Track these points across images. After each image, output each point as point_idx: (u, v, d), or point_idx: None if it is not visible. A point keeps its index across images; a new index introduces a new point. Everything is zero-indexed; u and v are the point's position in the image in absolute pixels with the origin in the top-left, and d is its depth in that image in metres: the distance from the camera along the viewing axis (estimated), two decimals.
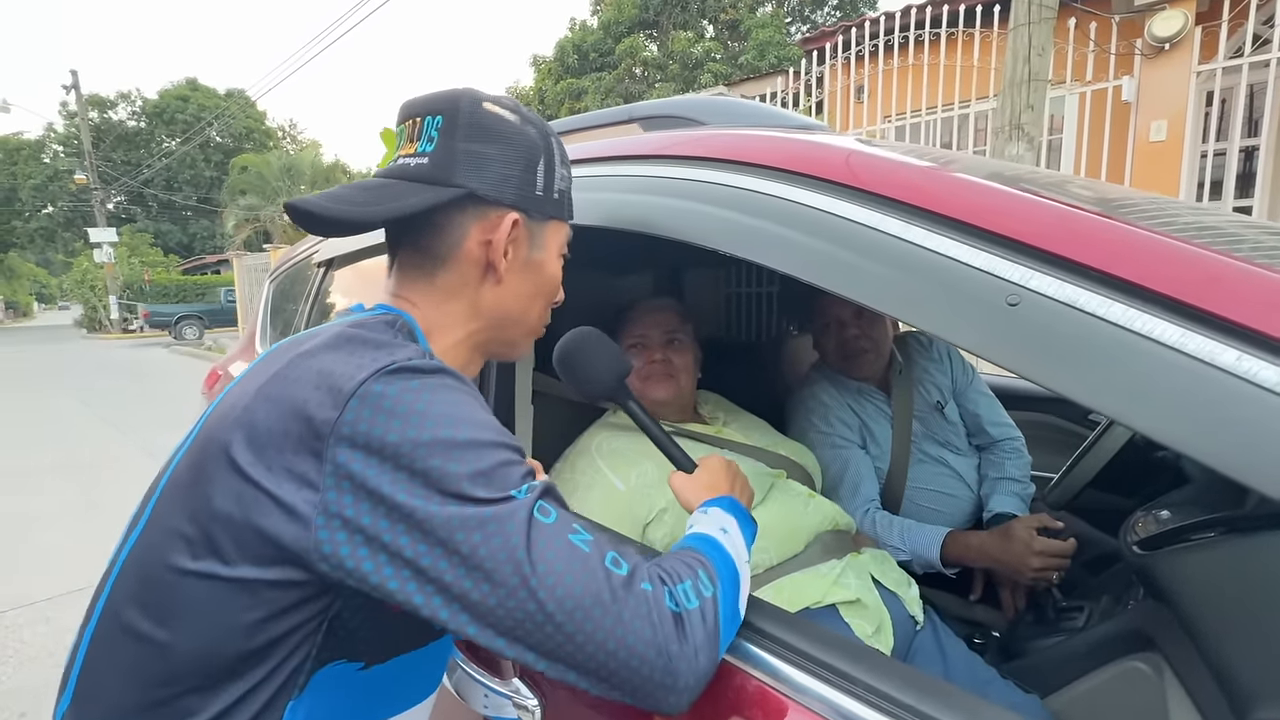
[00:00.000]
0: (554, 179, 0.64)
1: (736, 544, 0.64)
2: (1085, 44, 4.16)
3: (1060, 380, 0.40)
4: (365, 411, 0.47)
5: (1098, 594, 1.16)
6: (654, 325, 1.18)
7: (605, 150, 0.83)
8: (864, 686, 0.51)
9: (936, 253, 0.47)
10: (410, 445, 0.47)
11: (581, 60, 16.25)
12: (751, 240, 0.58)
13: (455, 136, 0.58)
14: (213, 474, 0.49)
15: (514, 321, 0.67)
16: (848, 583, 0.93)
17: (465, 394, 0.53)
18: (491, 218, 0.60)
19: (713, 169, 0.66)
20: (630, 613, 0.47)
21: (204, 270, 25.48)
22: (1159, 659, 0.85)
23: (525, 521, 0.47)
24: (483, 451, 0.49)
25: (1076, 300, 0.40)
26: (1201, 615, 0.75)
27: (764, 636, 0.60)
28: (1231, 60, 3.74)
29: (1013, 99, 3.22)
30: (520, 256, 0.63)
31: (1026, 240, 0.44)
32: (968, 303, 0.44)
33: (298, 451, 0.47)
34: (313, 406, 0.48)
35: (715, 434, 1.14)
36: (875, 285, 0.49)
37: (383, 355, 0.51)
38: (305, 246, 1.96)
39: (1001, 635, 1.21)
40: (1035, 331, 0.41)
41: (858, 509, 1.28)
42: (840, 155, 0.59)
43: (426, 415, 0.48)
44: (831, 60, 5.27)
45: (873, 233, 0.51)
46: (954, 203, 0.49)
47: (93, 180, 21.33)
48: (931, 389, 1.49)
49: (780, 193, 0.58)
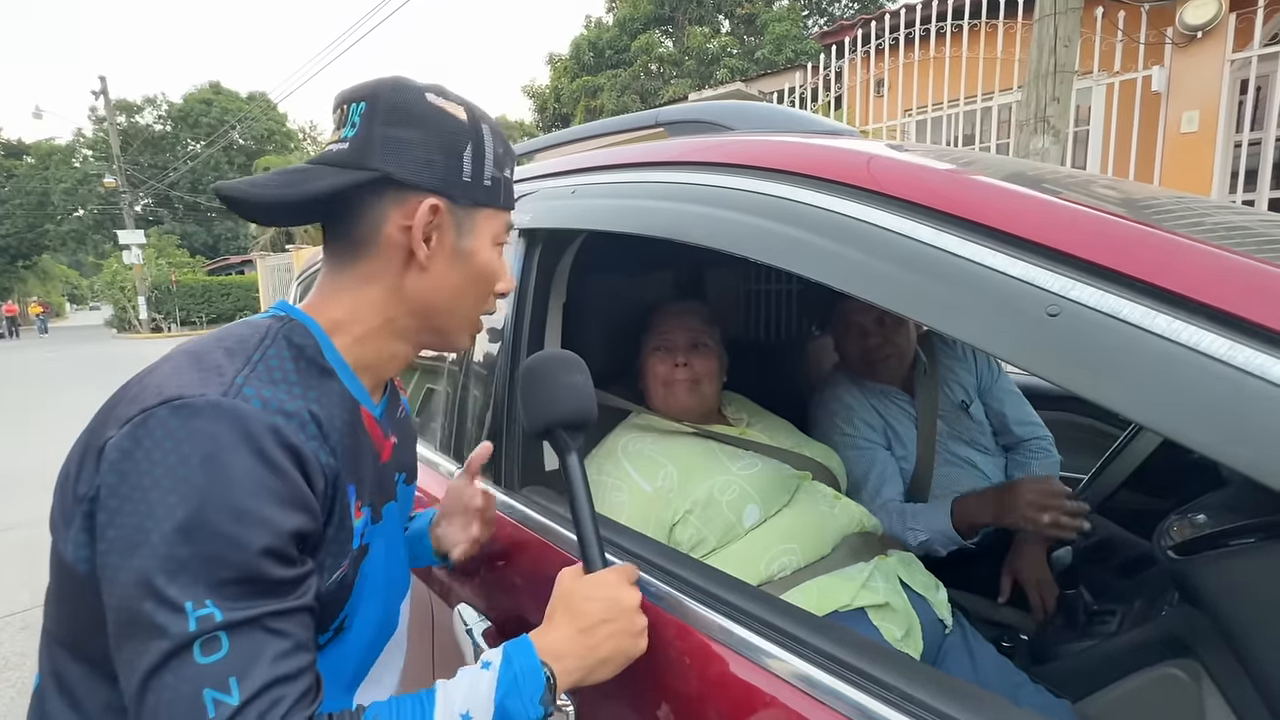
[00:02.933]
0: (483, 165, 0.62)
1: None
2: (1113, 33, 4.07)
3: (1103, 392, 0.40)
4: (126, 443, 0.47)
5: (1130, 598, 1.14)
6: (678, 329, 1.18)
7: (633, 156, 0.83)
8: (899, 693, 0.52)
9: (973, 261, 0.47)
10: (135, 500, 0.46)
11: (597, 57, 16.25)
12: (785, 249, 0.58)
13: (375, 121, 0.58)
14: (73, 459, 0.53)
15: (443, 311, 0.65)
16: (876, 586, 0.93)
17: (246, 456, 0.48)
18: (411, 202, 0.59)
19: (744, 176, 0.66)
20: None
21: (229, 271, 25.98)
22: (1196, 666, 0.84)
23: (164, 652, 0.44)
24: (200, 539, 0.45)
25: (1119, 311, 0.40)
26: (1242, 623, 0.74)
27: (793, 640, 0.60)
28: (1267, 47, 3.63)
29: (1038, 92, 3.16)
30: (446, 244, 0.62)
31: (1066, 249, 0.44)
32: (1006, 313, 0.44)
33: (93, 458, 0.49)
34: (114, 415, 0.50)
35: (739, 435, 1.14)
36: (911, 295, 0.49)
37: (198, 379, 0.50)
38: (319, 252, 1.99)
39: (1030, 638, 1.20)
40: (1076, 342, 0.41)
41: (879, 509, 1.27)
42: (874, 162, 0.59)
43: (170, 473, 0.46)
44: (850, 54, 5.21)
45: (908, 241, 0.50)
46: (990, 211, 0.49)
47: (121, 183, 21.85)
48: (956, 388, 1.47)
49: (813, 200, 0.58)
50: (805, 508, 1.03)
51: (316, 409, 0.54)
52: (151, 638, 0.44)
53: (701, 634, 0.64)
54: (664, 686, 0.66)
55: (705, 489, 0.98)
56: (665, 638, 0.66)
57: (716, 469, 1.02)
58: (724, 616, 0.64)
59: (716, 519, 0.97)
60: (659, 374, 1.16)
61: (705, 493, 0.98)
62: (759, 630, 0.62)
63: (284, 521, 0.49)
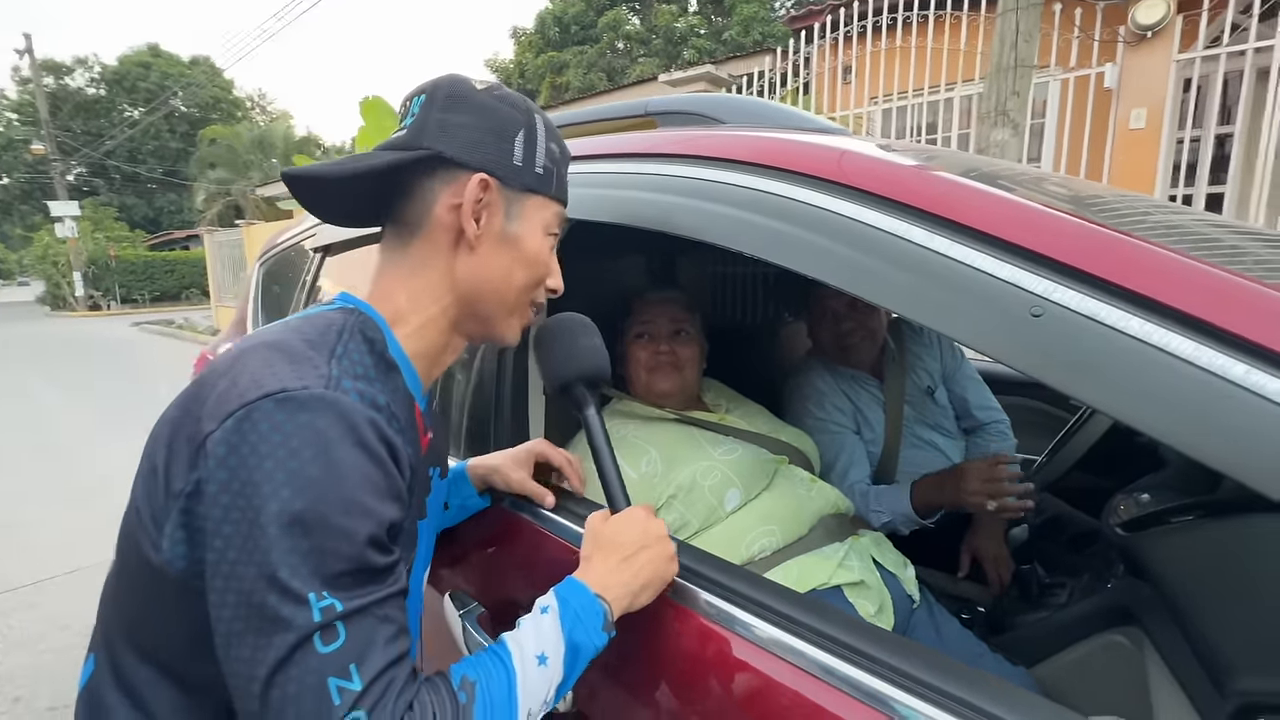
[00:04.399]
0: (535, 152, 0.64)
1: (542, 681, 0.55)
2: (1070, 29, 4.20)
3: (1082, 389, 0.43)
4: (232, 439, 0.47)
5: (1079, 572, 1.22)
6: (660, 316, 1.20)
7: (624, 146, 0.84)
8: (884, 665, 0.55)
9: (962, 263, 0.49)
10: (248, 496, 0.46)
11: (563, 33, 15.91)
12: (776, 244, 0.60)
13: (432, 109, 0.61)
14: (147, 459, 0.53)
15: (491, 295, 0.65)
16: (851, 565, 0.98)
17: (351, 447, 0.49)
18: (461, 180, 0.60)
19: (737, 171, 0.68)
20: None
21: (172, 246, 24.72)
22: (1139, 633, 0.91)
23: (290, 644, 0.45)
24: (316, 533, 0.46)
25: (1097, 314, 0.43)
26: (1182, 593, 0.81)
27: (780, 616, 0.63)
28: (1209, 49, 3.81)
29: (999, 84, 3.25)
30: (495, 226, 0.63)
31: (1049, 254, 0.47)
32: (992, 313, 0.47)
33: (189, 455, 0.49)
34: (207, 411, 0.49)
35: (719, 421, 1.17)
36: (900, 293, 0.52)
37: (291, 371, 0.50)
38: (295, 230, 1.93)
39: (988, 610, 1.27)
40: (1057, 342, 0.44)
41: (847, 491, 1.32)
42: (867, 163, 0.61)
43: (280, 467, 0.46)
44: (820, 40, 5.24)
45: (899, 241, 0.53)
46: (977, 213, 0.52)
47: (51, 150, 20.45)
48: (923, 374, 1.54)
49: (807, 198, 0.60)
50: (783, 491, 1.07)
51: (391, 403, 0.55)
52: (276, 631, 0.45)
53: (694, 612, 0.67)
54: (660, 665, 0.68)
55: (688, 474, 1.01)
56: (660, 619, 0.68)
57: (699, 454, 1.05)
58: (715, 595, 0.67)
59: (699, 503, 1.00)
60: (641, 360, 1.18)
61: (688, 478, 1.00)
62: (747, 607, 0.65)
63: (385, 511, 0.50)
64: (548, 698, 0.55)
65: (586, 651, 0.58)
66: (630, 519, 0.67)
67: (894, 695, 0.54)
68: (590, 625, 0.58)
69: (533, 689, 0.53)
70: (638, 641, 0.68)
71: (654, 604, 0.68)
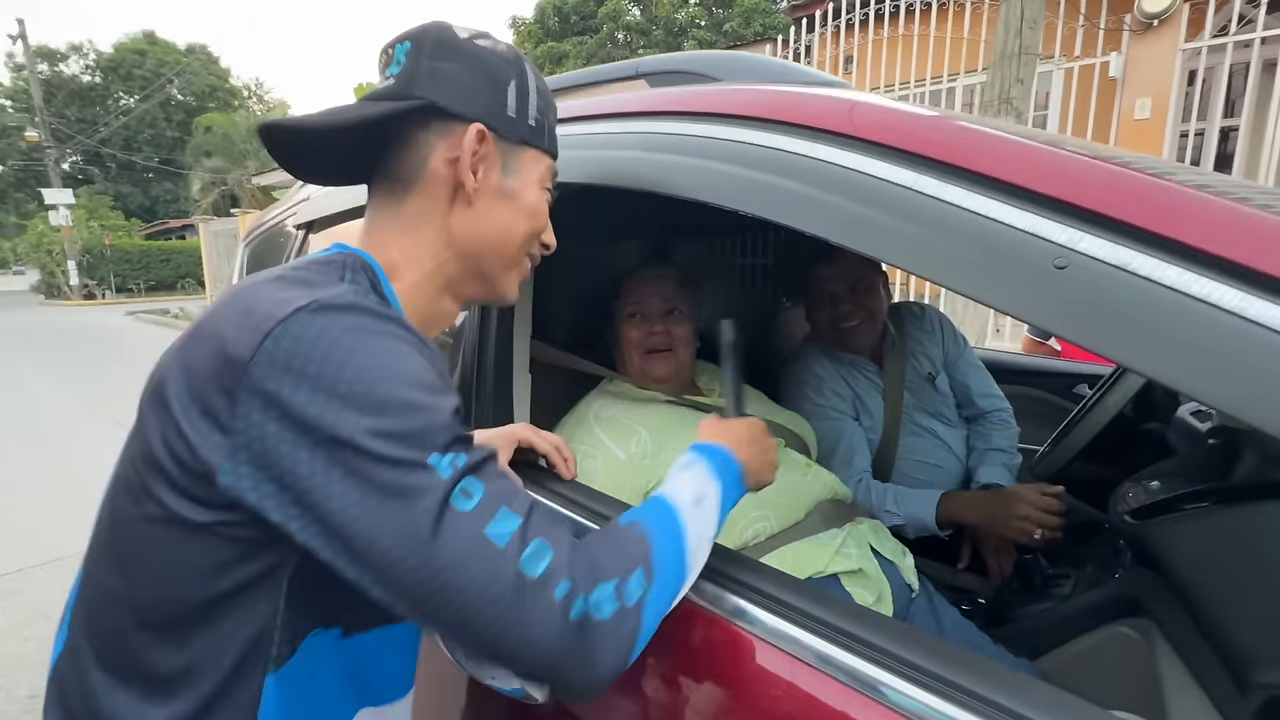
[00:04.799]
0: (528, 103, 0.61)
1: (704, 521, 0.58)
2: (1075, 18, 4.15)
3: (1111, 345, 0.39)
4: (279, 354, 0.44)
5: (1083, 562, 1.18)
6: (653, 295, 1.15)
7: (612, 106, 0.79)
8: (888, 654, 0.51)
9: (978, 214, 0.45)
10: (322, 396, 0.44)
11: (562, 23, 15.78)
12: (778, 201, 0.56)
13: (421, 56, 0.57)
14: (148, 414, 0.48)
15: (489, 251, 0.62)
16: (849, 552, 0.94)
17: (398, 339, 0.48)
18: (457, 132, 0.58)
19: (733, 126, 0.63)
20: (530, 617, 0.45)
21: (168, 235, 24.56)
22: (1149, 624, 0.88)
23: (437, 504, 0.44)
24: (404, 410, 0.45)
25: (1129, 263, 0.39)
26: (1197, 582, 0.77)
27: (778, 603, 0.59)
28: (1216, 39, 3.76)
29: (1003, 72, 3.20)
30: (492, 180, 0.60)
31: (1074, 201, 0.42)
32: (1012, 266, 0.43)
33: (215, 392, 0.45)
34: (230, 344, 0.45)
35: (713, 404, 1.13)
36: (911, 248, 0.47)
37: (309, 292, 0.47)
38: (280, 209, 1.88)
39: (989, 602, 1.23)
40: (1084, 295, 0.40)
41: (850, 479, 1.28)
42: (872, 112, 0.56)
43: (345, 363, 0.45)
44: (821, 29, 5.18)
45: (909, 193, 0.48)
46: (994, 161, 0.47)
47: (45, 138, 20.26)
48: (923, 360, 1.49)
49: (810, 151, 0.55)
50: (780, 474, 1.02)
51: None
52: (413, 503, 0.44)
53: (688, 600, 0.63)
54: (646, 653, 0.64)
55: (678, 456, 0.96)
56: None
57: (691, 436, 1.00)
58: (707, 580, 0.63)
59: None
60: (634, 341, 1.14)
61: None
62: (741, 593, 0.61)
63: (452, 393, 0.50)
64: (705, 542, 0.58)
65: (728, 502, 0.62)
66: (748, 422, 0.73)
67: (896, 685, 0.50)
68: (732, 478, 0.63)
69: (696, 530, 0.56)
70: None
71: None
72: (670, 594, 0.53)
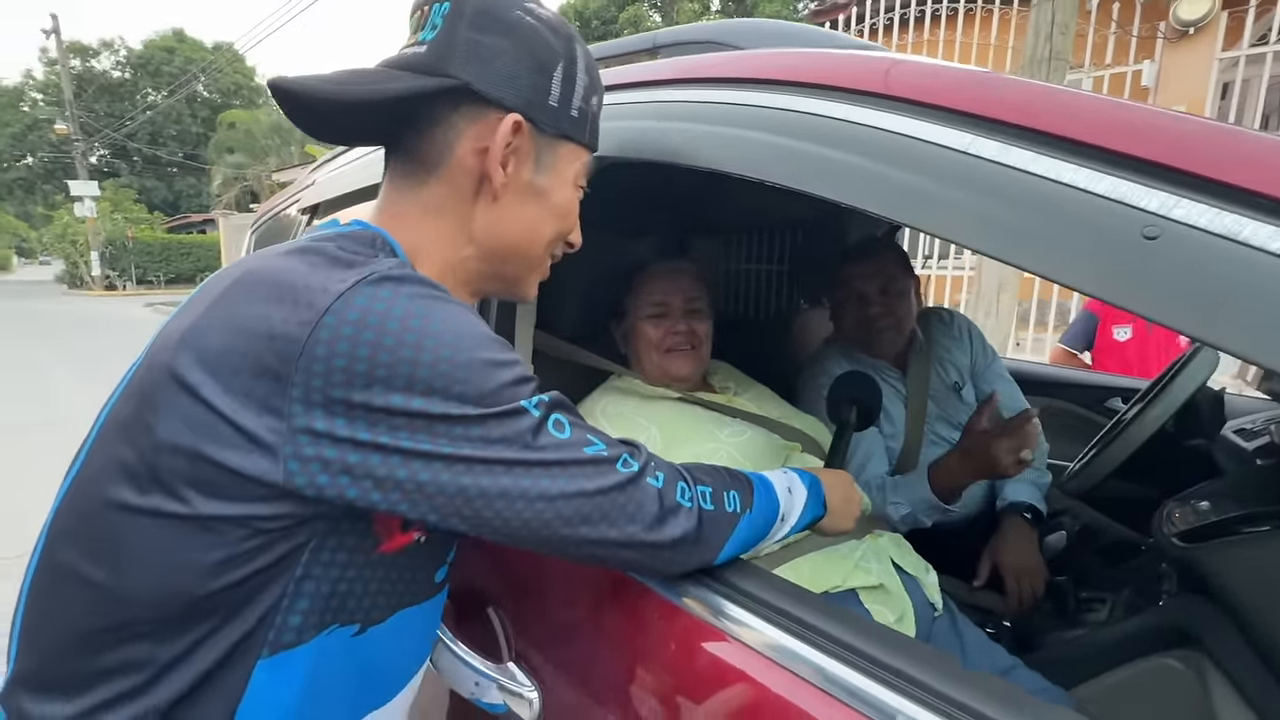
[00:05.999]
0: (573, 92, 0.55)
1: (790, 504, 0.65)
2: (1107, 25, 4.05)
3: (1213, 330, 0.32)
4: (345, 329, 0.41)
5: (1119, 586, 1.11)
6: (674, 292, 1.08)
7: (626, 76, 0.73)
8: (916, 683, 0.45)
9: (1050, 179, 0.39)
10: (405, 365, 0.42)
11: (584, 27, 15.87)
12: (807, 169, 0.50)
13: (460, 24, 0.50)
14: (158, 401, 0.44)
15: (514, 252, 0.58)
16: (869, 566, 0.87)
17: (461, 307, 0.47)
18: (490, 119, 0.52)
19: (756, 90, 0.57)
20: (634, 507, 0.49)
21: (189, 229, 24.90)
22: (1199, 656, 0.80)
23: (526, 434, 0.46)
24: (488, 370, 0.45)
25: (1238, 232, 0.32)
26: (1259, 611, 0.70)
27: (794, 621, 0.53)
28: (1255, 48, 3.65)
29: (1032, 77, 3.12)
30: (523, 175, 0.55)
31: (1165, 161, 0.36)
32: (1089, 238, 0.36)
33: (259, 374, 0.41)
34: (277, 323, 0.42)
35: (727, 403, 1.07)
36: (966, 220, 0.41)
37: (357, 271, 0.44)
38: (286, 195, 1.85)
39: (1014, 625, 1.16)
40: (1180, 270, 0.33)
41: (864, 486, 1.21)
42: (915, 70, 0.50)
43: (423, 331, 0.43)
44: (843, 33, 5.12)
45: (964, 157, 0.42)
46: (1063, 119, 0.41)
47: (74, 131, 20.66)
48: (950, 369, 1.42)
49: (842, 114, 0.49)
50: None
51: None
52: (508, 439, 0.45)
53: (687, 612, 0.57)
54: (648, 670, 0.58)
55: (690, 455, 0.90)
56: (646, 616, 0.58)
57: (703, 435, 0.95)
58: (712, 591, 0.57)
59: None
60: (653, 339, 1.07)
61: (690, 459, 0.89)
62: (750, 606, 0.54)
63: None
64: (792, 511, 0.65)
65: (809, 510, 0.67)
66: (843, 474, 0.78)
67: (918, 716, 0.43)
68: (816, 494, 0.69)
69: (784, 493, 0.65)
70: (622, 642, 0.58)
71: (639, 600, 0.59)
72: (756, 531, 0.60)
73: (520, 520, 0.46)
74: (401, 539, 0.51)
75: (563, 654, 0.64)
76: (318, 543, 0.46)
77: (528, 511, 0.46)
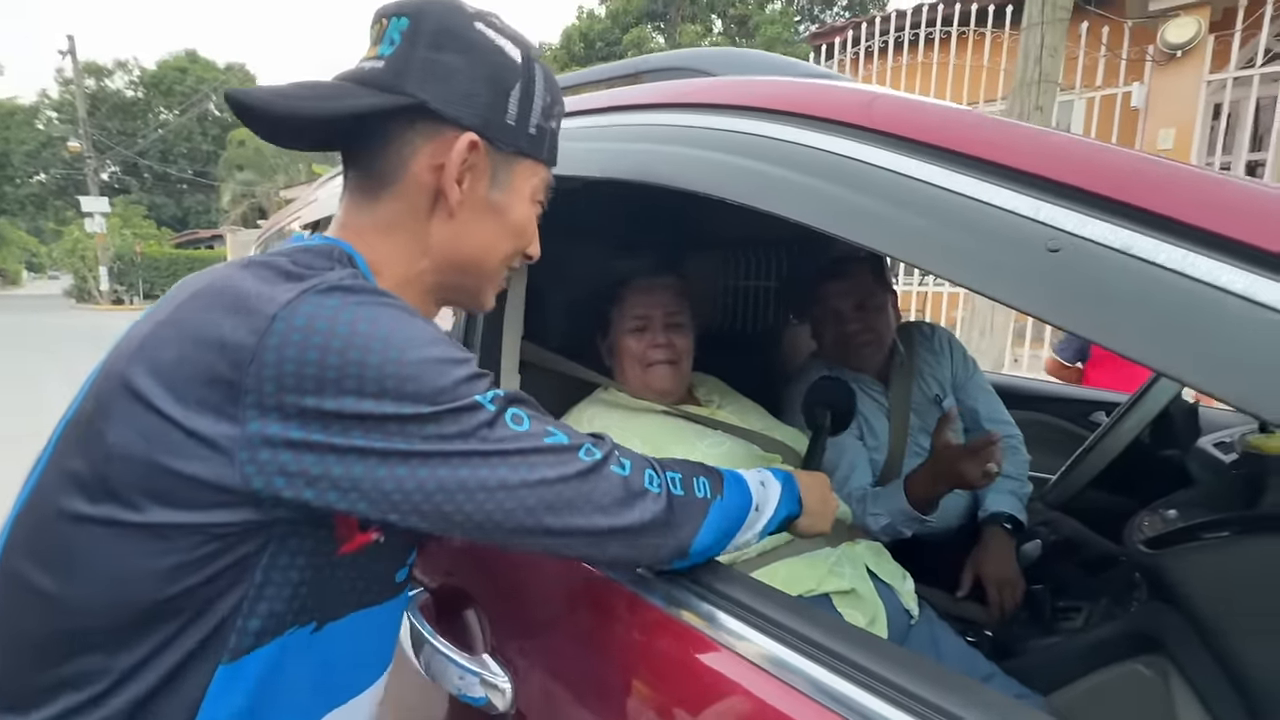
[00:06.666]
0: (531, 109, 0.56)
1: (764, 495, 0.65)
2: (1097, 48, 4.13)
3: (1108, 333, 0.35)
4: (294, 335, 0.42)
5: (1096, 595, 1.12)
6: (656, 306, 1.11)
7: (605, 100, 0.78)
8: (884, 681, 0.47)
9: (968, 197, 0.42)
10: (354, 367, 0.42)
11: (588, 49, 16.13)
12: (766, 189, 0.53)
13: (417, 42, 0.52)
14: (111, 410, 0.44)
15: (470, 266, 0.59)
16: (842, 571, 0.89)
17: (410, 312, 0.48)
18: (446, 137, 0.53)
19: (722, 115, 0.61)
20: (600, 494, 0.49)
21: (197, 245, 25.17)
22: (1164, 661, 0.82)
23: (483, 426, 0.46)
24: (438, 368, 0.45)
25: (1130, 246, 0.36)
26: (1216, 616, 0.72)
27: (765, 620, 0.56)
28: (1242, 70, 3.71)
29: (1022, 100, 3.18)
30: (479, 193, 0.56)
31: (1068, 181, 0.40)
32: (1002, 250, 0.40)
33: (212, 382, 0.42)
34: (228, 332, 0.43)
35: (709, 415, 1.10)
36: (897, 233, 0.45)
37: (306, 283, 0.45)
38: (290, 211, 1.90)
39: (995, 634, 1.17)
40: (1079, 279, 0.37)
41: (846, 498, 1.23)
42: (862, 99, 0.54)
43: (370, 335, 0.43)
44: (840, 55, 5.22)
45: (896, 177, 0.46)
46: (985, 145, 0.45)
47: (86, 148, 21.00)
48: (931, 382, 1.45)
49: (798, 138, 0.53)
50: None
51: None
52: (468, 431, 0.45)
53: (667, 614, 0.59)
54: (620, 669, 0.60)
55: None
56: (619, 617, 0.61)
57: (683, 446, 0.98)
58: (689, 593, 0.59)
59: None
60: (635, 353, 1.09)
61: None
62: (730, 609, 0.57)
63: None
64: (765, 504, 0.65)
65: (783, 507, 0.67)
66: (820, 475, 0.78)
67: (884, 712, 0.46)
68: (789, 493, 0.69)
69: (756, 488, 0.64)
70: (597, 642, 0.61)
71: (613, 600, 0.61)
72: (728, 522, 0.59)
73: (483, 513, 0.46)
74: (361, 538, 0.51)
75: (532, 644, 0.67)
76: (276, 546, 0.47)
77: (489, 503, 0.46)
